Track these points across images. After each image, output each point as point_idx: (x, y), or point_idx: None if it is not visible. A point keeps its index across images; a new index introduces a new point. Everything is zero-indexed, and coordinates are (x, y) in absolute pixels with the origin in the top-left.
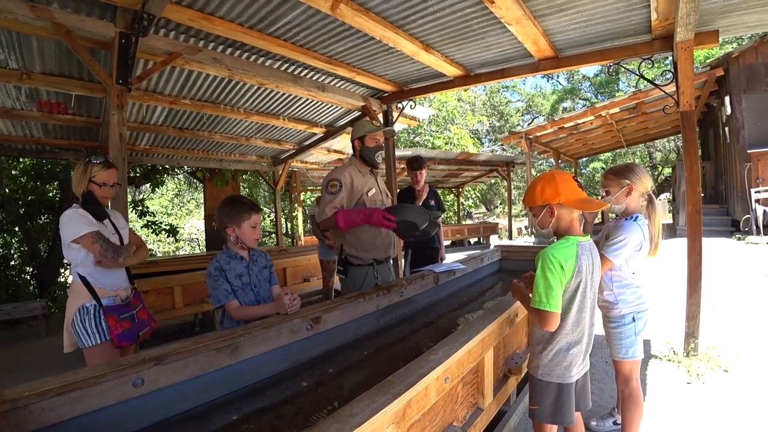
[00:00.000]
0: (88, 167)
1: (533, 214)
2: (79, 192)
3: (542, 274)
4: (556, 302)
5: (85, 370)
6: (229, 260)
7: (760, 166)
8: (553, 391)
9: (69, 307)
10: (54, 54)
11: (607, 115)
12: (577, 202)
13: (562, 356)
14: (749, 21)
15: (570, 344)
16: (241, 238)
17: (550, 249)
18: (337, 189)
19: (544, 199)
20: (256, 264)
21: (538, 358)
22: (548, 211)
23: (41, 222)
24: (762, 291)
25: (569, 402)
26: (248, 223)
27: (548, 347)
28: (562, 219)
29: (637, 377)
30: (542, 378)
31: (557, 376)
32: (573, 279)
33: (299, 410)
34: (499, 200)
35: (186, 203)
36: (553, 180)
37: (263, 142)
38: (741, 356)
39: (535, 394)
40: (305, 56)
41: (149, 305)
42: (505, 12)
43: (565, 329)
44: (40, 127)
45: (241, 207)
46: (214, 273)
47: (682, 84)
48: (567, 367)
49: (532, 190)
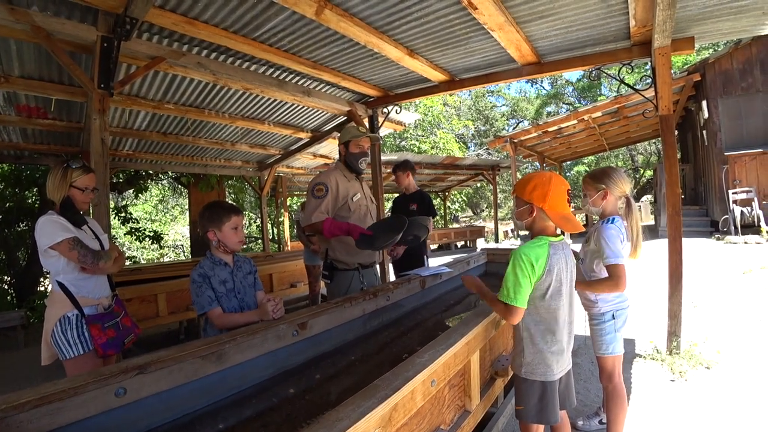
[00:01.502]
0: (68, 172)
1: (515, 203)
2: (58, 197)
3: (513, 270)
4: (522, 298)
5: (65, 381)
6: (213, 266)
7: (737, 168)
8: (537, 389)
9: (48, 317)
10: (33, 57)
11: (589, 119)
12: (557, 216)
13: (544, 354)
14: (723, 28)
15: (551, 342)
16: (223, 241)
17: (523, 247)
18: (323, 193)
19: (531, 198)
20: (241, 270)
21: (521, 357)
22: (528, 209)
23: (20, 229)
24: (741, 289)
25: (554, 400)
26: (228, 226)
27: (528, 346)
28: (539, 221)
29: (619, 373)
30: (526, 377)
31: (540, 374)
32: (544, 277)
33: (287, 417)
34: (486, 204)
35: (170, 209)
36: (548, 184)
37: (248, 147)
38: (722, 353)
39: (520, 393)
40: (290, 61)
41: (132, 313)
42: (488, 18)
43: (541, 327)
44: (18, 132)
45: (220, 210)
46: (198, 279)
47: (661, 89)
48: (549, 365)
49: (525, 184)
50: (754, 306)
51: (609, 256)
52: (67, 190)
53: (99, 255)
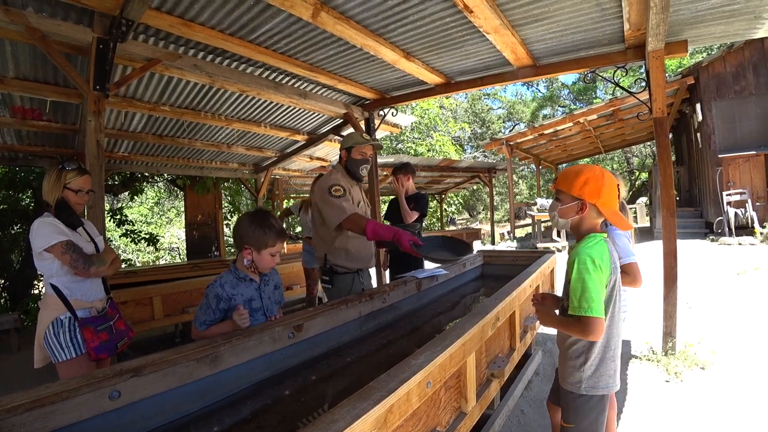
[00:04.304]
0: (62, 173)
1: (558, 198)
2: (52, 199)
3: (579, 277)
4: (600, 306)
5: (58, 384)
6: (236, 283)
7: (731, 170)
8: (597, 404)
9: (41, 319)
10: (29, 59)
11: (585, 122)
12: (611, 213)
13: (608, 364)
14: (715, 32)
15: (614, 348)
16: (257, 263)
17: (583, 249)
18: (342, 192)
19: (582, 193)
20: (268, 285)
21: (581, 371)
22: (578, 205)
23: (14, 232)
24: (735, 290)
25: (606, 414)
26: (269, 251)
27: (591, 357)
28: (589, 219)
29: None
30: (586, 392)
31: (603, 387)
32: (611, 276)
33: (282, 419)
34: (482, 206)
35: (166, 211)
36: (602, 179)
37: (245, 149)
38: (717, 353)
39: (576, 411)
40: (287, 64)
41: (127, 316)
42: (483, 21)
43: (607, 332)
44: (13, 134)
45: (268, 231)
46: (212, 297)
47: (655, 91)
48: (612, 374)
49: (575, 178)
50: (749, 307)
51: (623, 255)
52: (61, 192)
53: (91, 260)
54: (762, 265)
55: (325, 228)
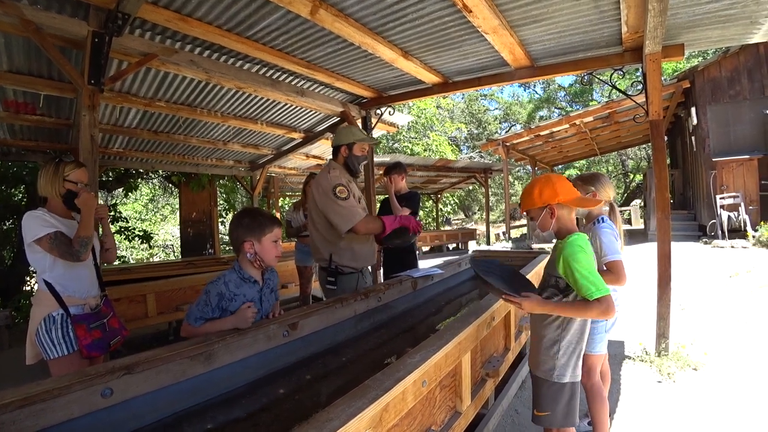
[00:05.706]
0: (61, 166)
1: (532, 217)
2: (52, 192)
3: (575, 265)
4: (603, 282)
5: (49, 381)
6: (240, 283)
7: (724, 174)
8: (567, 392)
9: (33, 316)
10: (22, 51)
11: (581, 124)
12: (575, 200)
13: (577, 353)
14: (712, 36)
15: (581, 337)
16: (260, 254)
17: (569, 240)
18: (347, 194)
19: (543, 201)
20: (268, 287)
21: (554, 359)
22: (548, 212)
23: (6, 227)
24: (728, 292)
25: (578, 400)
26: (270, 237)
27: (563, 345)
28: (563, 219)
29: (597, 371)
30: (557, 380)
31: (571, 375)
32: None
33: (276, 418)
34: (477, 206)
35: (161, 208)
36: (550, 181)
37: (241, 146)
38: (709, 355)
39: (546, 398)
40: (284, 60)
41: (121, 314)
42: (482, 21)
43: (576, 322)
44: (5, 128)
45: (261, 219)
46: (213, 294)
47: (651, 94)
48: (577, 364)
49: (530, 193)
50: (740, 309)
51: (608, 253)
52: (62, 184)
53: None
54: (754, 268)
55: (329, 229)
